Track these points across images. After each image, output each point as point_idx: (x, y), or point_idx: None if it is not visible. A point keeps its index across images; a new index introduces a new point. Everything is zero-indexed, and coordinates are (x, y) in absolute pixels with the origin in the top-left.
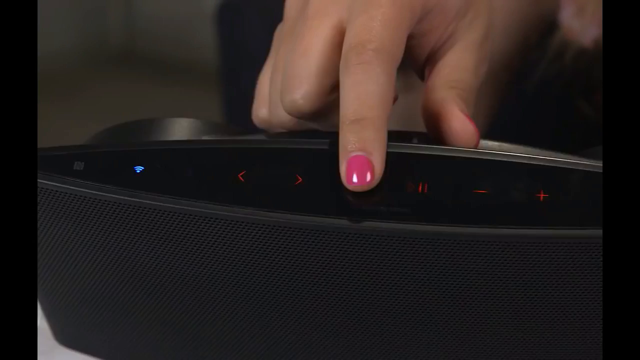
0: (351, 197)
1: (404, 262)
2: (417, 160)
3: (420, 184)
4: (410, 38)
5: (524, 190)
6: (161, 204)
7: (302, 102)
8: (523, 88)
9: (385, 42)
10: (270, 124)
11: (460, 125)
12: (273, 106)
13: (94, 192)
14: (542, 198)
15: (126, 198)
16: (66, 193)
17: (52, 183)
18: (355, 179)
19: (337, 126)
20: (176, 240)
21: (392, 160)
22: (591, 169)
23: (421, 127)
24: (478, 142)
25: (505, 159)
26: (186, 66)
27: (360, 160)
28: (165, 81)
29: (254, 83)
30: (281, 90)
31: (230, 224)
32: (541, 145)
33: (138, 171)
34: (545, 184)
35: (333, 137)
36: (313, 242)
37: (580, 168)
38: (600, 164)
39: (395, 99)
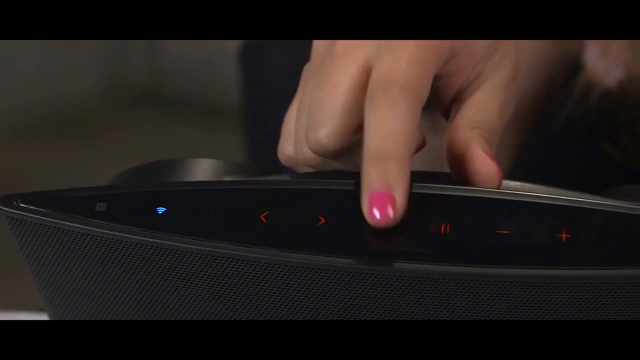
0: (373, 238)
1: (427, 303)
2: (440, 200)
3: (443, 225)
4: (437, 79)
5: (546, 231)
6: (183, 245)
7: (327, 140)
8: (548, 128)
9: (411, 81)
10: (295, 163)
11: (483, 165)
12: (298, 144)
13: (116, 233)
14: (564, 238)
15: (148, 239)
16: (88, 234)
17: (74, 224)
18: (377, 215)
19: (360, 165)
20: (198, 282)
21: (415, 201)
22: (614, 209)
23: (448, 168)
24: (501, 182)
25: (527, 199)
26: (210, 106)
27: (383, 195)
28: (189, 122)
29: (277, 123)
30: (306, 128)
31: (253, 264)
32: (565, 185)
33: (160, 212)
34: (568, 224)
35: (356, 178)
36: (335, 283)
37: (602, 208)
38: (622, 204)
39: (424, 143)
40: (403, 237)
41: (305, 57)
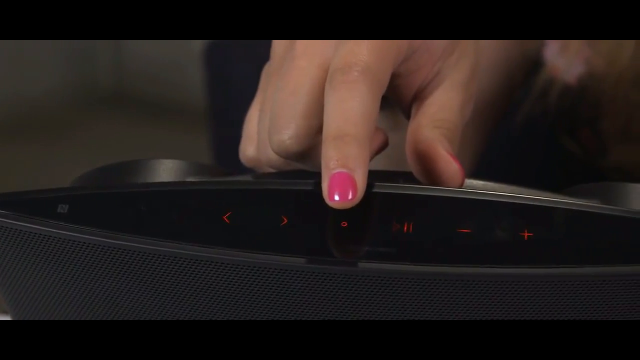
0: (337, 238)
1: (390, 302)
2: (403, 200)
3: (406, 224)
4: (396, 77)
5: (508, 229)
6: (145, 246)
7: (290, 142)
8: (509, 127)
9: (371, 65)
10: (258, 163)
11: (446, 165)
12: (261, 146)
13: (78, 235)
14: (526, 237)
15: (110, 241)
16: (50, 236)
17: (35, 226)
18: (337, 197)
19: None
20: (161, 283)
21: (378, 200)
22: (575, 208)
23: (409, 166)
24: (463, 181)
25: (489, 198)
26: (176, 107)
27: (343, 177)
28: (155, 122)
29: (242, 123)
30: (269, 130)
31: (216, 265)
32: (527, 183)
33: (122, 213)
34: (530, 222)
35: (319, 178)
36: (299, 283)
37: (564, 207)
38: (584, 202)
39: (386, 143)
40: (366, 236)
41: (269, 57)
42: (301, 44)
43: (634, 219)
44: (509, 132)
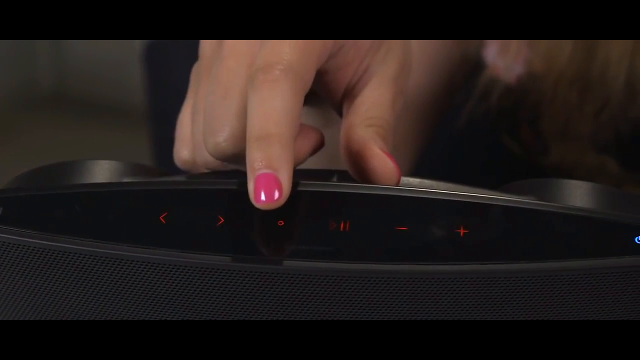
0: (274, 237)
1: (328, 301)
2: (339, 198)
3: (342, 222)
4: (325, 74)
5: (444, 226)
6: (82, 247)
7: (226, 144)
8: (451, 127)
9: (293, 64)
10: (193, 165)
11: (381, 163)
12: (197, 148)
13: (12, 237)
14: (462, 234)
15: (46, 243)
16: None
17: None
18: (263, 197)
19: None
20: (99, 284)
21: (314, 199)
22: (511, 204)
23: (342, 162)
24: (399, 179)
25: (425, 196)
26: (117, 107)
27: (268, 178)
28: (96, 123)
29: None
30: (204, 133)
31: (153, 266)
32: (469, 182)
33: (58, 215)
34: (466, 219)
35: None
36: (236, 282)
37: (499, 203)
38: (519, 198)
39: (322, 142)
40: (303, 235)
41: None
42: (229, 44)
43: (567, 215)
44: (451, 133)
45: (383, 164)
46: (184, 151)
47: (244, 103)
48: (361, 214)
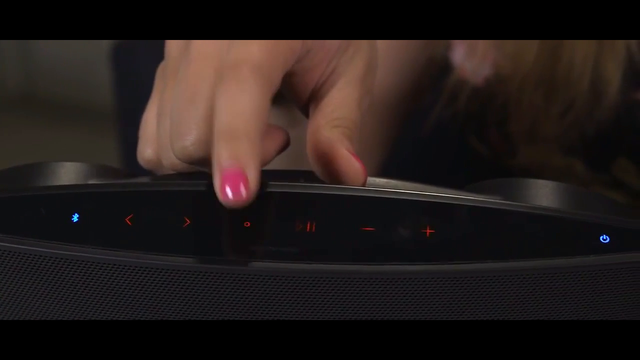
0: (240, 238)
1: (294, 301)
2: (305, 199)
3: (309, 223)
4: (293, 76)
5: (410, 227)
6: (47, 250)
7: (193, 148)
8: (420, 129)
9: (262, 63)
10: (157, 165)
11: (347, 164)
12: (163, 150)
13: None
14: (428, 234)
15: (10, 245)
16: None
17: None
18: (230, 194)
19: None
20: (64, 286)
21: (280, 199)
22: (476, 204)
23: (308, 162)
24: (365, 179)
25: (391, 196)
26: (85, 108)
27: (235, 174)
28: (64, 124)
29: None
30: (170, 136)
31: (119, 268)
32: (437, 183)
33: (23, 218)
34: (432, 219)
35: None
36: (204, 284)
37: (465, 203)
38: (485, 198)
39: (288, 142)
40: (269, 236)
41: None
42: (196, 45)
43: (533, 215)
44: (420, 135)
45: (349, 164)
46: (147, 150)
47: (211, 107)
48: (328, 215)
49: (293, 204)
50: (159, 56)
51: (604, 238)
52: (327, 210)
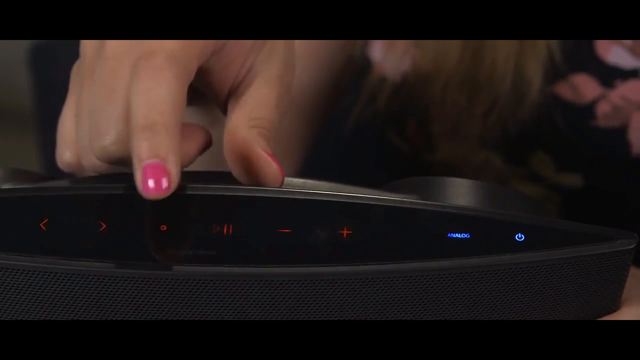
0: (157, 242)
1: (211, 304)
2: (222, 201)
3: (226, 226)
4: (209, 73)
5: (327, 228)
6: None
7: (113, 148)
8: (340, 129)
9: (176, 52)
10: (78, 168)
11: (264, 165)
12: (83, 152)
13: None
14: (345, 235)
15: None
16: None
17: None
18: (152, 186)
19: None
20: None
21: (197, 202)
22: (392, 204)
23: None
24: (283, 180)
25: (308, 197)
26: (4, 110)
27: (156, 166)
28: None
29: None
30: (89, 137)
31: (34, 274)
32: (359, 182)
33: None
34: (348, 220)
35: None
36: (120, 288)
37: (381, 203)
38: (401, 198)
39: (210, 142)
40: (187, 239)
41: None
42: (111, 45)
43: (448, 214)
44: (340, 134)
45: (266, 165)
46: (66, 153)
47: (128, 104)
48: (245, 217)
49: (209, 206)
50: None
51: (519, 236)
52: (244, 212)
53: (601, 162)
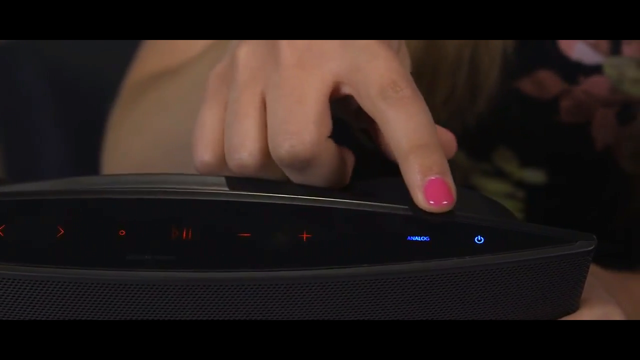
0: (115, 247)
1: (169, 308)
2: (181, 205)
3: (185, 230)
4: None
5: (287, 232)
6: None
7: (302, 147)
8: None
9: (409, 78)
10: (216, 169)
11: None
12: (232, 151)
13: None
14: (305, 238)
15: None
16: None
17: None
18: (435, 201)
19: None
20: None
21: (155, 207)
22: (352, 207)
23: None
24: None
25: (267, 201)
26: None
27: (439, 182)
28: None
29: (32, 129)
30: (274, 137)
31: None
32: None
33: None
34: (308, 224)
35: (97, 186)
36: (78, 294)
37: (341, 207)
38: (362, 201)
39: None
40: (145, 244)
41: (62, 58)
42: (286, 51)
43: (409, 217)
44: None
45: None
46: (207, 154)
47: (322, 108)
48: (204, 221)
49: (168, 210)
50: (38, 58)
51: (479, 239)
52: (204, 216)
53: (565, 158)
